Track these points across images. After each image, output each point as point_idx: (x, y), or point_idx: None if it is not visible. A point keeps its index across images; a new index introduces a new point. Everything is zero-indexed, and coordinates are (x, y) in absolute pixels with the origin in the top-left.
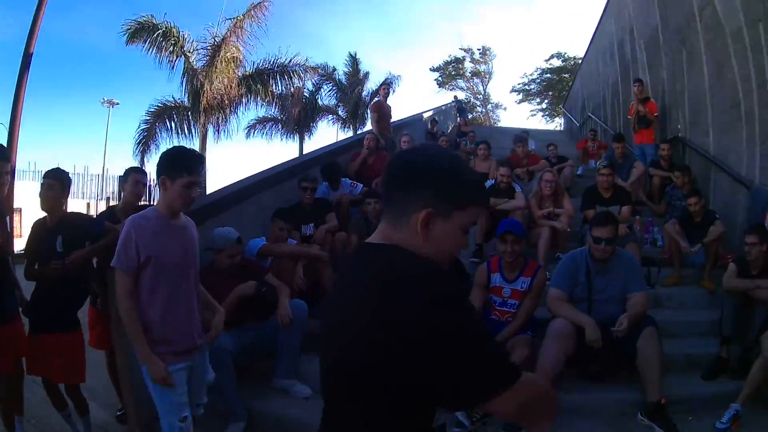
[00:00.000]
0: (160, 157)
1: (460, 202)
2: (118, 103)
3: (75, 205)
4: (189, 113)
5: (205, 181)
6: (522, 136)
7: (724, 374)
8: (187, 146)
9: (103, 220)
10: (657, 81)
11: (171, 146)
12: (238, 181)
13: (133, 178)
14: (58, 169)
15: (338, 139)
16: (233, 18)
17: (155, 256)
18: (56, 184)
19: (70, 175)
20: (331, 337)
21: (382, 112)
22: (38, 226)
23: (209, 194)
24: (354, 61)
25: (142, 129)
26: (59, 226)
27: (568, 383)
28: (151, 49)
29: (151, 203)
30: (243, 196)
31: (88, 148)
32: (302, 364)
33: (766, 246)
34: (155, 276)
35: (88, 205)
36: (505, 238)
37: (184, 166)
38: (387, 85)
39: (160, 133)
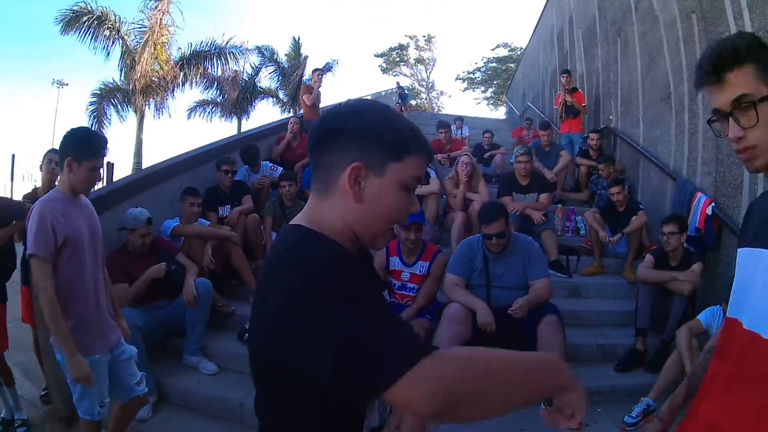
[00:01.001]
0: (64, 138)
1: (394, 151)
2: (67, 84)
3: (23, 187)
4: (129, 94)
5: (140, 158)
6: (445, 122)
7: (640, 367)
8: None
9: (24, 203)
10: (592, 71)
11: (76, 127)
12: (158, 163)
13: (47, 158)
14: None
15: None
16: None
17: (71, 236)
18: None
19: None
20: (251, 325)
21: (310, 95)
22: None
23: (129, 175)
24: (297, 44)
25: (91, 111)
26: None
27: None
28: (86, 36)
29: None
30: (163, 178)
31: (41, 129)
32: (209, 342)
33: (685, 237)
34: (71, 258)
35: (35, 186)
36: (409, 227)
37: (92, 149)
38: (319, 71)
39: (109, 114)
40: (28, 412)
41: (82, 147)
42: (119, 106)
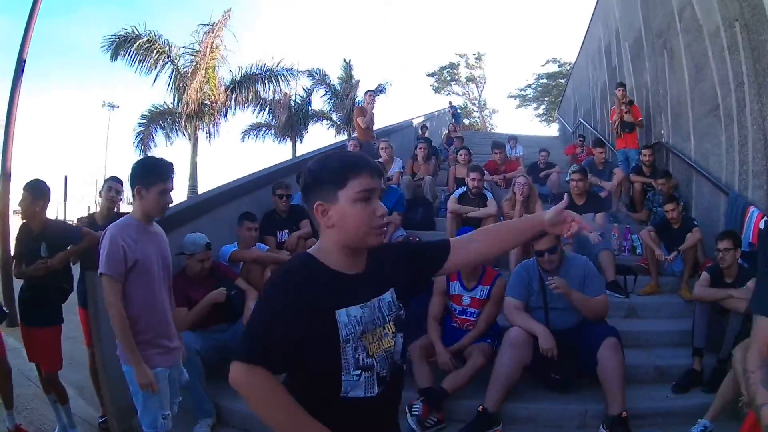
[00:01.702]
0: (132, 168)
1: (336, 183)
2: (118, 106)
3: (76, 208)
4: (179, 118)
5: (196, 181)
6: (500, 142)
7: (697, 387)
8: (186, 148)
9: (80, 228)
10: (641, 84)
11: (141, 158)
12: (215, 188)
13: (107, 185)
14: (32, 180)
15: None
16: (209, 24)
17: (140, 260)
18: (27, 195)
19: (67, 180)
20: None
21: (364, 118)
22: (23, 230)
23: (186, 200)
24: (348, 67)
25: (138, 132)
26: (43, 234)
27: (531, 393)
28: (135, 60)
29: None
30: (219, 202)
31: (93, 151)
32: None
33: (740, 252)
34: (139, 280)
35: (88, 208)
36: None
37: (157, 174)
38: (372, 92)
39: (156, 136)
40: (83, 429)
41: (149, 173)
42: (168, 130)
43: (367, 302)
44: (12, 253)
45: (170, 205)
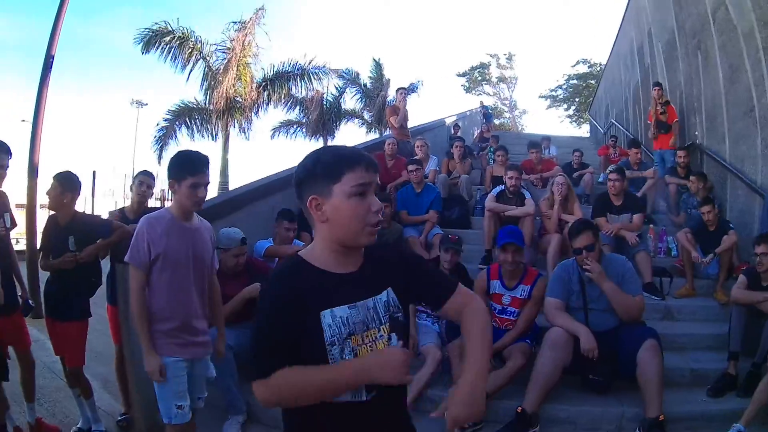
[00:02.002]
0: (168, 163)
1: (330, 177)
2: (146, 104)
3: (105, 203)
4: (209, 115)
5: (227, 177)
6: (536, 141)
7: (731, 391)
8: (209, 145)
9: (111, 221)
10: (675, 85)
11: (180, 149)
12: (249, 183)
13: (139, 180)
14: (61, 171)
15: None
16: (239, 22)
17: (163, 253)
18: (56, 184)
19: (95, 175)
20: None
21: (397, 117)
22: (50, 222)
23: (220, 195)
24: (378, 66)
25: (161, 127)
26: (71, 227)
27: (568, 394)
28: (167, 55)
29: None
30: (255, 198)
31: (122, 148)
32: None
33: None
34: (162, 273)
35: (116, 203)
36: (505, 248)
37: (187, 168)
38: (403, 90)
39: (179, 133)
40: (107, 423)
41: (180, 167)
42: (197, 126)
43: (357, 302)
44: (39, 245)
45: (205, 199)
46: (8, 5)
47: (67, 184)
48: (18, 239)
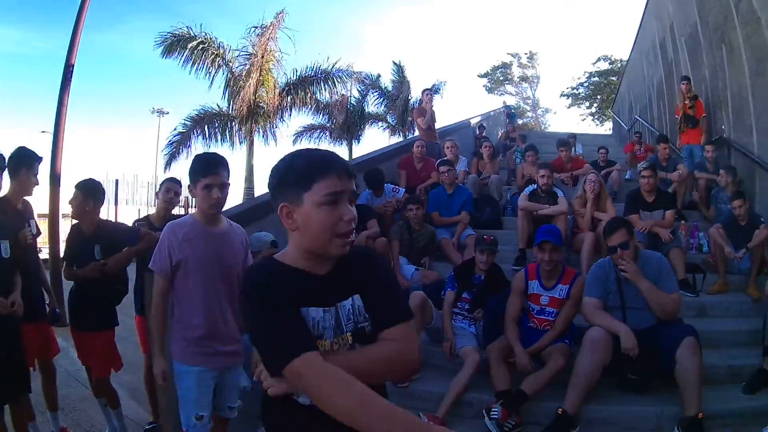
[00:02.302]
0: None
1: (301, 185)
2: (167, 112)
3: (127, 211)
4: (231, 120)
5: (252, 183)
6: (566, 140)
7: (767, 388)
8: (228, 152)
9: (139, 228)
10: (699, 80)
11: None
12: None
13: (165, 186)
14: (85, 179)
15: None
16: (259, 26)
17: (185, 260)
18: (79, 193)
19: (119, 183)
20: None
21: (424, 118)
22: (74, 231)
23: (252, 198)
24: (399, 69)
25: (177, 132)
26: (96, 235)
27: (607, 394)
28: (189, 61)
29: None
30: None
31: (144, 156)
32: None
33: None
34: (186, 279)
35: (139, 211)
36: (543, 246)
37: (200, 170)
38: (429, 91)
39: (195, 139)
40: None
41: (193, 170)
42: (217, 132)
43: (330, 307)
44: (62, 255)
45: (224, 201)
46: (28, 18)
47: (89, 193)
48: (41, 248)
